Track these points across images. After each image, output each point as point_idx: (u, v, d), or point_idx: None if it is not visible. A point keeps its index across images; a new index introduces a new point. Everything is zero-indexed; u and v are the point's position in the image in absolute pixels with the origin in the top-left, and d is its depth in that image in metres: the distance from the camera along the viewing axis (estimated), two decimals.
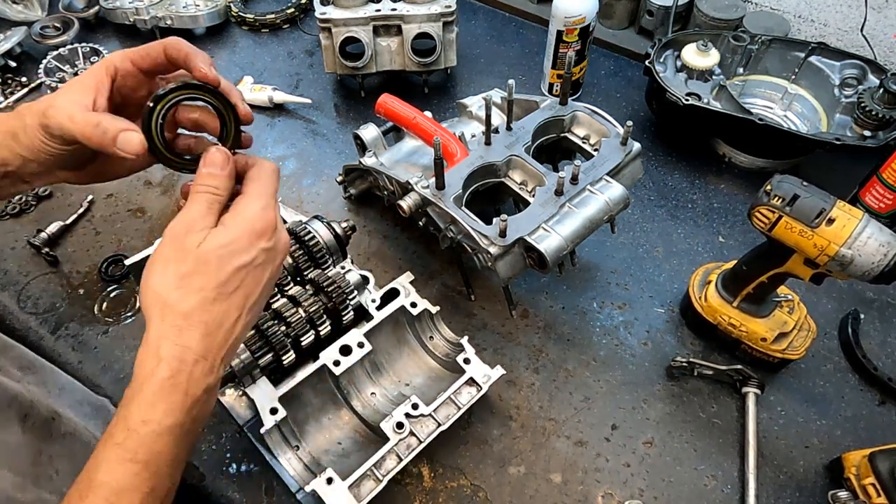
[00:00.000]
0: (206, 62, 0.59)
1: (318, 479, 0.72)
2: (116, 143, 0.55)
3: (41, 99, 0.59)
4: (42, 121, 0.57)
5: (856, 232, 0.71)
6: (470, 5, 1.54)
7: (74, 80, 0.60)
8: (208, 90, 0.59)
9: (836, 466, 0.83)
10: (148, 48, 0.61)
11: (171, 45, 0.60)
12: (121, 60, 0.60)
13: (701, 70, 1.14)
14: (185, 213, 0.56)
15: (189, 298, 0.53)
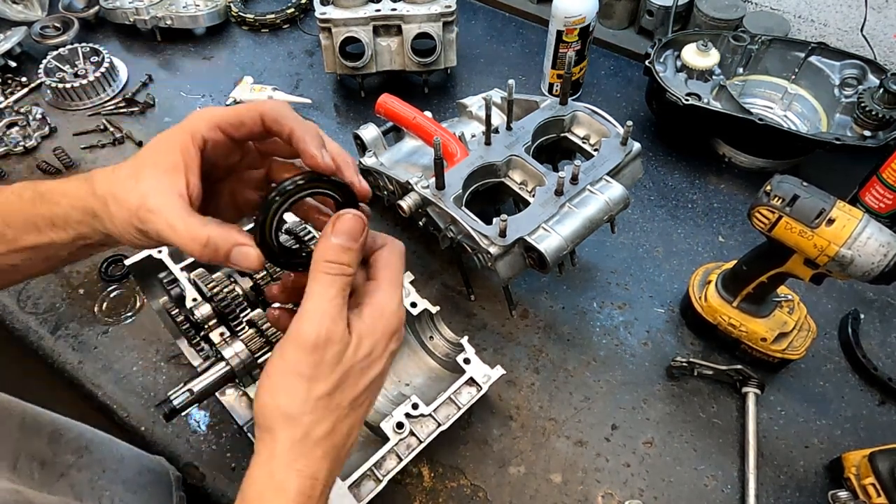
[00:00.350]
0: (318, 142, 0.49)
1: None
2: (230, 259, 0.47)
3: (120, 177, 0.49)
4: (137, 224, 0.47)
5: (856, 232, 0.71)
6: (470, 5, 1.54)
7: (158, 156, 0.48)
8: (326, 181, 0.49)
9: (836, 466, 0.83)
10: (240, 115, 0.50)
11: (270, 117, 0.49)
12: (208, 129, 0.50)
13: (701, 70, 1.14)
14: (317, 310, 0.46)
15: (324, 422, 0.46)
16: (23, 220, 0.52)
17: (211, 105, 1.33)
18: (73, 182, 0.51)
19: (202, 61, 1.42)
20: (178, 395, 0.66)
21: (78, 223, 0.51)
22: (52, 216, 0.51)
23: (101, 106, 1.32)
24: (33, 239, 0.52)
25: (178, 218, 0.46)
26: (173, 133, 0.50)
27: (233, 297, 0.76)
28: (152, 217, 0.46)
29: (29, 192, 0.53)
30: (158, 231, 0.46)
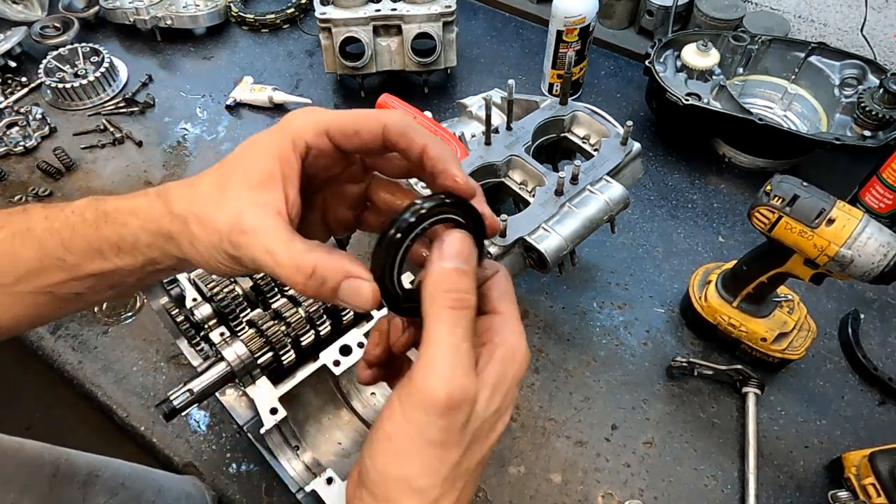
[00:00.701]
0: (456, 160, 0.42)
1: (318, 480, 0.72)
2: (338, 294, 0.39)
3: (202, 192, 0.41)
4: (229, 249, 0.39)
5: (856, 232, 0.71)
6: (470, 5, 1.54)
7: (250, 165, 0.41)
8: (460, 207, 0.40)
9: (836, 466, 0.83)
10: (356, 122, 0.42)
11: (396, 130, 0.41)
12: (314, 136, 0.42)
13: (701, 70, 1.14)
14: (446, 361, 0.37)
15: (451, 493, 0.40)
16: (85, 244, 0.45)
17: (211, 104, 1.33)
18: (142, 199, 0.44)
19: (202, 61, 1.42)
20: (178, 395, 0.66)
21: (148, 247, 0.44)
22: (118, 239, 0.44)
23: (101, 106, 1.32)
24: (97, 265, 0.46)
25: (278, 241, 0.38)
26: (270, 136, 0.42)
27: (233, 297, 0.76)
28: (247, 241, 0.38)
29: (92, 211, 0.46)
30: (255, 257, 0.38)
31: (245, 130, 1.28)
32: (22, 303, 0.48)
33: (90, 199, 0.47)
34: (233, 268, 0.41)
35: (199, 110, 1.32)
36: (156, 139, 1.27)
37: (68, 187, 1.18)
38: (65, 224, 0.46)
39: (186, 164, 1.22)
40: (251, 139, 0.43)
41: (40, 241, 0.46)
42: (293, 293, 0.82)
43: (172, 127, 1.29)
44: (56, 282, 0.46)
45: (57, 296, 0.48)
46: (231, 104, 1.31)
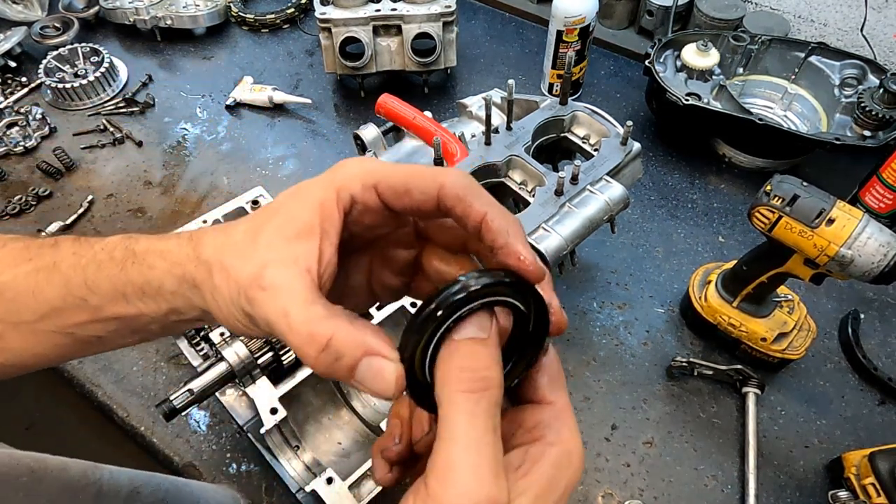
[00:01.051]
0: (524, 237, 0.36)
1: (318, 479, 0.72)
2: (355, 374, 0.32)
3: (233, 239, 0.37)
4: (244, 305, 0.35)
5: (856, 232, 0.71)
6: (470, 5, 1.54)
7: (288, 214, 0.36)
8: (525, 290, 0.34)
9: (836, 466, 0.83)
10: (409, 179, 0.36)
11: (453, 193, 0.35)
12: (362, 189, 0.37)
13: (701, 70, 1.14)
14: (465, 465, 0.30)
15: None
16: (110, 284, 0.42)
17: (211, 104, 1.33)
18: (174, 241, 0.40)
19: (202, 61, 1.42)
20: (177, 395, 0.66)
21: (172, 294, 0.40)
22: (143, 283, 0.41)
23: (100, 106, 1.32)
24: (120, 309, 0.42)
25: (297, 302, 0.33)
26: (315, 184, 0.37)
27: None
28: (264, 298, 0.34)
29: (121, 249, 0.42)
30: (269, 318, 0.33)
31: (245, 130, 1.28)
32: (44, 341, 0.45)
33: (123, 236, 0.44)
34: (248, 328, 0.36)
35: (199, 110, 1.32)
36: (156, 139, 1.27)
37: (68, 187, 1.18)
38: (91, 261, 0.43)
39: (186, 164, 1.22)
40: (299, 185, 0.38)
41: (65, 279, 0.43)
42: None
43: (172, 127, 1.29)
44: (77, 322, 0.44)
45: (78, 337, 0.45)
46: (231, 104, 1.31)
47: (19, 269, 0.44)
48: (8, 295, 0.44)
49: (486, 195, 0.36)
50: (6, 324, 0.45)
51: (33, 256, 0.45)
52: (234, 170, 1.20)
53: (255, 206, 0.99)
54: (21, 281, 0.44)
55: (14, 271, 0.44)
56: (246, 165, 1.21)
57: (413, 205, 0.37)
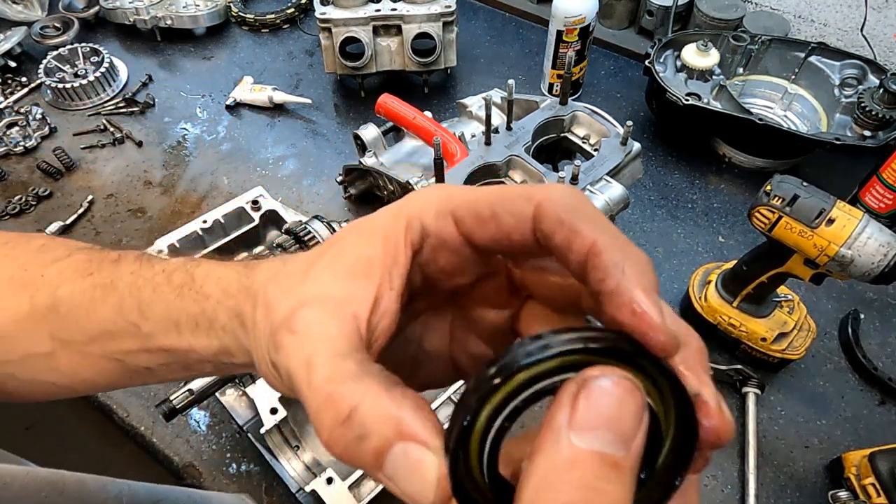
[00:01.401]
0: (649, 282, 0.24)
1: (318, 479, 0.72)
2: (384, 466, 0.24)
3: (288, 269, 0.31)
4: (271, 350, 0.29)
5: (856, 232, 0.71)
6: (470, 5, 1.54)
7: (349, 245, 0.29)
8: (648, 363, 0.22)
9: (836, 466, 0.83)
10: (495, 200, 0.28)
11: (553, 214, 0.26)
12: (436, 217, 0.29)
13: (701, 70, 1.14)
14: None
15: None
16: (164, 311, 0.37)
17: (211, 104, 1.33)
18: (233, 266, 0.35)
19: (202, 61, 1.42)
20: (178, 395, 0.67)
21: (223, 329, 0.34)
22: (197, 312, 0.35)
23: (101, 106, 1.32)
24: (171, 341, 0.37)
25: (324, 353, 0.26)
26: (384, 214, 0.30)
27: None
28: (290, 343, 0.27)
29: (181, 272, 0.37)
30: (290, 369, 0.27)
31: (245, 130, 1.28)
32: (93, 365, 0.42)
33: (187, 258, 0.39)
34: (275, 379, 0.29)
35: (199, 110, 1.32)
36: (156, 139, 1.27)
37: (68, 187, 1.18)
38: (149, 282, 0.38)
39: (186, 164, 1.22)
40: (370, 216, 0.30)
41: (120, 299, 0.39)
42: None
43: (172, 127, 1.29)
44: (127, 349, 0.40)
45: (127, 365, 0.41)
46: (231, 104, 1.31)
47: (77, 284, 0.41)
48: (62, 310, 0.41)
49: (601, 219, 0.26)
50: (58, 341, 0.42)
51: (94, 270, 0.41)
52: (234, 170, 1.20)
53: (254, 206, 0.99)
54: (77, 297, 0.41)
55: (72, 286, 0.41)
56: (246, 165, 1.21)
57: (501, 234, 0.27)
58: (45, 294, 0.42)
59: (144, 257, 0.41)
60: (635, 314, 0.22)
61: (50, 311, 0.41)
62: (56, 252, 0.44)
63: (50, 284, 0.42)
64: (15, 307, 0.42)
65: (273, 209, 0.98)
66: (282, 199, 1.14)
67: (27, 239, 0.46)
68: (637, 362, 0.21)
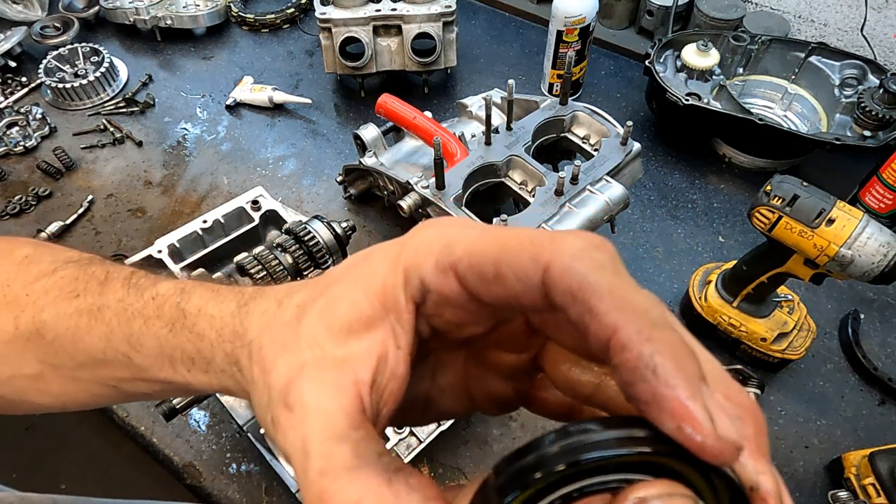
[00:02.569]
0: (690, 375, 0.20)
1: None
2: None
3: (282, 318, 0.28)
4: (269, 428, 0.27)
5: (856, 232, 0.71)
6: (470, 5, 1.54)
7: (344, 292, 0.27)
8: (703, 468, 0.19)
9: (836, 466, 0.83)
10: (500, 255, 0.24)
11: (563, 286, 0.22)
12: (436, 273, 0.25)
13: (701, 70, 1.14)
14: None
15: None
16: (156, 345, 0.34)
17: (211, 104, 1.33)
18: (226, 304, 0.32)
19: (202, 61, 1.42)
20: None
21: (221, 372, 0.31)
22: (194, 352, 0.33)
23: (101, 106, 1.32)
24: (166, 375, 0.35)
25: (319, 437, 0.23)
26: (380, 256, 0.27)
27: None
28: (287, 422, 0.25)
29: (172, 305, 0.34)
30: (286, 451, 0.25)
31: (245, 130, 1.28)
32: (85, 390, 0.40)
33: (178, 285, 0.36)
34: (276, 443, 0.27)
35: (199, 110, 1.32)
36: (156, 139, 1.27)
37: (68, 187, 1.18)
38: (138, 313, 0.36)
39: (186, 164, 1.22)
40: (369, 250, 0.28)
41: (108, 329, 0.36)
42: None
43: (172, 127, 1.29)
44: (119, 377, 0.38)
45: (122, 390, 0.39)
46: (231, 104, 1.31)
47: (62, 307, 0.39)
48: (48, 336, 0.39)
49: (619, 288, 0.21)
50: (46, 365, 0.40)
51: (80, 292, 0.39)
52: (234, 170, 1.20)
53: (254, 206, 0.99)
54: (62, 323, 0.38)
55: (57, 309, 0.39)
56: (246, 165, 1.21)
57: (509, 296, 0.24)
58: (30, 316, 0.39)
59: (132, 281, 0.38)
60: (681, 431, 0.19)
61: (35, 335, 0.39)
62: (41, 266, 0.41)
63: (34, 306, 0.39)
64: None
65: (273, 209, 0.98)
66: (282, 199, 1.14)
67: (10, 248, 0.44)
68: (689, 458, 0.19)
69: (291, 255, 0.86)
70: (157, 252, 0.85)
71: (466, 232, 0.25)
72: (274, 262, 0.81)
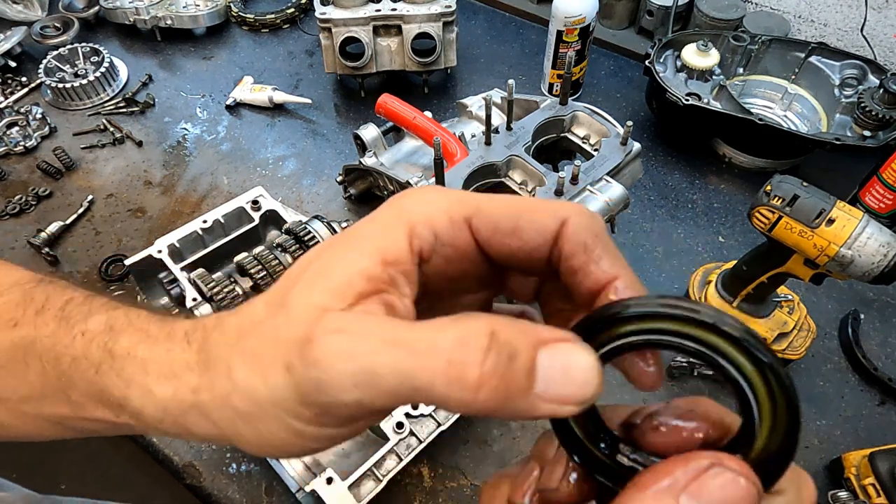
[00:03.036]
0: None
1: (317, 479, 0.72)
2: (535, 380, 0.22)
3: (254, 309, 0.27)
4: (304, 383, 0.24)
5: (856, 232, 0.71)
6: (470, 5, 1.54)
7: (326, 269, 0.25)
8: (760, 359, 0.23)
9: (836, 466, 0.83)
10: (520, 215, 0.27)
11: (577, 238, 0.26)
12: (449, 224, 0.27)
13: (701, 70, 1.14)
14: None
15: None
16: (87, 387, 0.32)
17: (211, 104, 1.33)
18: (164, 344, 0.30)
19: (202, 61, 1.42)
20: None
21: (160, 422, 0.30)
22: (120, 398, 0.31)
23: (101, 106, 1.32)
24: (104, 415, 0.33)
25: (395, 325, 0.23)
26: (367, 228, 0.27)
27: (233, 297, 0.76)
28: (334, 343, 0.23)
29: (98, 346, 0.32)
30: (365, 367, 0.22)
31: (245, 130, 1.28)
32: (31, 424, 0.38)
33: (112, 316, 0.34)
34: (318, 429, 0.25)
35: (199, 110, 1.32)
36: (156, 139, 1.27)
37: (68, 187, 1.18)
38: (66, 351, 0.33)
39: (186, 164, 1.22)
40: (345, 233, 0.27)
41: (41, 365, 0.35)
42: None
43: (172, 127, 1.29)
44: (62, 414, 0.36)
45: (67, 427, 0.37)
46: (231, 104, 1.31)
47: (2, 336, 0.37)
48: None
49: (619, 254, 0.27)
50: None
51: (19, 320, 0.37)
52: (234, 170, 1.20)
53: (254, 206, 0.99)
54: (3, 355, 0.36)
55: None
56: (246, 165, 1.21)
57: (521, 249, 0.26)
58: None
59: (65, 312, 0.35)
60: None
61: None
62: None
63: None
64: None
65: (273, 209, 0.98)
66: (282, 199, 1.14)
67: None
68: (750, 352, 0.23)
69: (291, 255, 0.86)
70: (157, 252, 0.85)
71: (470, 193, 0.28)
72: (274, 262, 0.81)
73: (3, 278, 0.40)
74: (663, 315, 0.23)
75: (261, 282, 0.79)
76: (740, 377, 0.23)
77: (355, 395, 0.22)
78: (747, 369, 0.22)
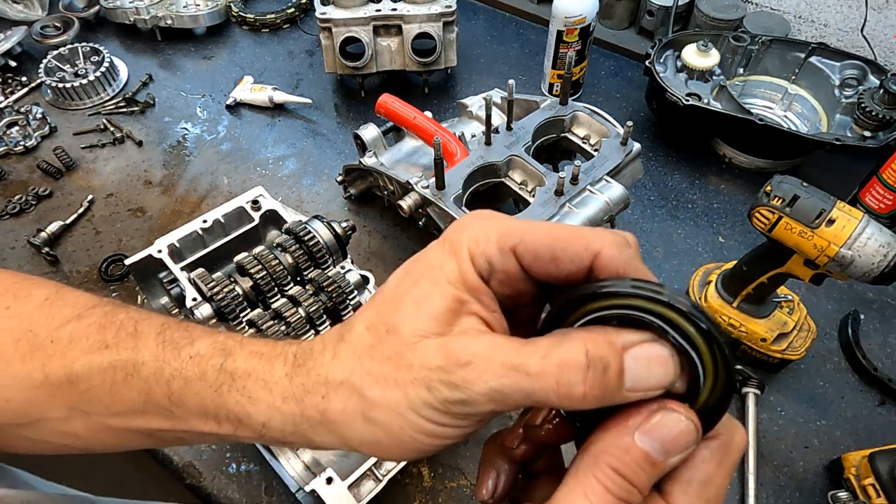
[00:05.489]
0: None
1: (317, 479, 0.72)
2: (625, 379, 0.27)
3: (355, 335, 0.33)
4: (445, 394, 0.29)
5: (856, 233, 0.71)
6: (470, 5, 1.54)
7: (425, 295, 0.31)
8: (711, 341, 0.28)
9: (836, 467, 0.83)
10: (555, 243, 0.30)
11: (611, 267, 0.30)
12: (500, 257, 0.31)
13: (701, 70, 1.14)
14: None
15: None
16: (199, 405, 0.36)
17: (211, 104, 1.33)
18: (278, 364, 0.35)
19: (202, 61, 1.42)
20: None
21: (280, 432, 0.34)
22: (242, 414, 0.35)
23: (101, 106, 1.32)
24: (209, 428, 0.36)
25: (510, 349, 0.28)
26: (438, 257, 0.32)
27: (233, 297, 0.76)
28: (471, 371, 0.28)
29: (214, 369, 0.36)
30: (492, 387, 0.28)
31: (245, 130, 1.28)
32: (117, 436, 0.40)
33: (216, 344, 0.37)
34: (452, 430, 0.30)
35: (200, 110, 1.32)
36: (156, 139, 1.27)
37: (68, 187, 1.18)
38: (178, 374, 0.36)
39: (186, 164, 1.22)
40: (422, 263, 0.32)
41: (146, 386, 0.37)
42: (293, 293, 0.82)
43: (172, 127, 1.29)
44: (156, 427, 0.38)
45: (155, 438, 0.40)
46: (231, 104, 1.31)
47: (94, 358, 0.39)
48: (81, 386, 0.39)
49: (649, 273, 0.30)
50: (77, 411, 0.40)
51: (111, 343, 0.39)
52: (234, 170, 1.20)
53: (254, 205, 0.99)
54: (96, 376, 0.39)
55: (89, 360, 0.39)
56: (246, 165, 1.21)
57: (559, 275, 0.30)
58: (59, 365, 0.39)
59: (166, 336, 0.38)
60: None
61: (67, 384, 0.39)
62: (63, 311, 0.41)
63: (63, 355, 0.39)
64: (25, 374, 0.40)
65: (273, 209, 0.98)
66: (282, 199, 1.14)
67: (28, 288, 0.43)
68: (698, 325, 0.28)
69: (291, 255, 0.86)
70: (157, 252, 0.85)
71: (512, 220, 0.32)
72: (274, 262, 0.81)
73: (77, 300, 0.43)
74: (631, 294, 0.28)
75: (260, 282, 0.79)
76: (687, 343, 0.28)
77: (490, 406, 0.29)
78: (694, 336, 0.28)
